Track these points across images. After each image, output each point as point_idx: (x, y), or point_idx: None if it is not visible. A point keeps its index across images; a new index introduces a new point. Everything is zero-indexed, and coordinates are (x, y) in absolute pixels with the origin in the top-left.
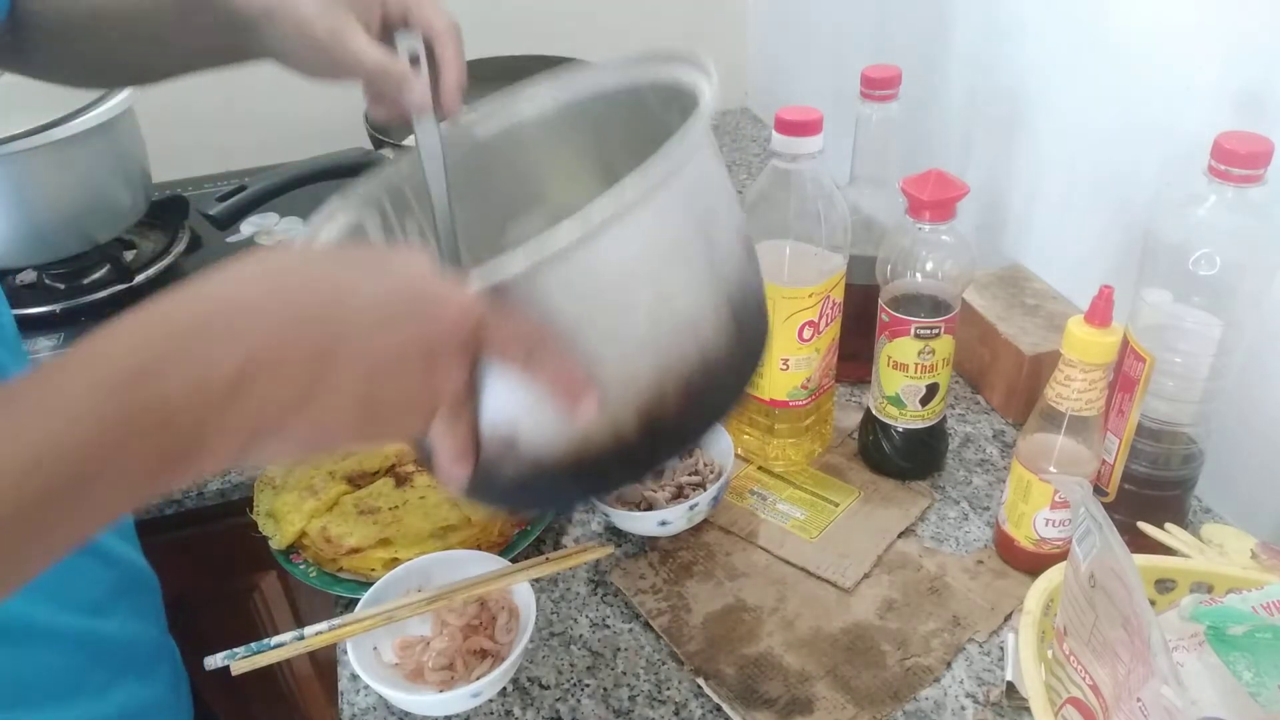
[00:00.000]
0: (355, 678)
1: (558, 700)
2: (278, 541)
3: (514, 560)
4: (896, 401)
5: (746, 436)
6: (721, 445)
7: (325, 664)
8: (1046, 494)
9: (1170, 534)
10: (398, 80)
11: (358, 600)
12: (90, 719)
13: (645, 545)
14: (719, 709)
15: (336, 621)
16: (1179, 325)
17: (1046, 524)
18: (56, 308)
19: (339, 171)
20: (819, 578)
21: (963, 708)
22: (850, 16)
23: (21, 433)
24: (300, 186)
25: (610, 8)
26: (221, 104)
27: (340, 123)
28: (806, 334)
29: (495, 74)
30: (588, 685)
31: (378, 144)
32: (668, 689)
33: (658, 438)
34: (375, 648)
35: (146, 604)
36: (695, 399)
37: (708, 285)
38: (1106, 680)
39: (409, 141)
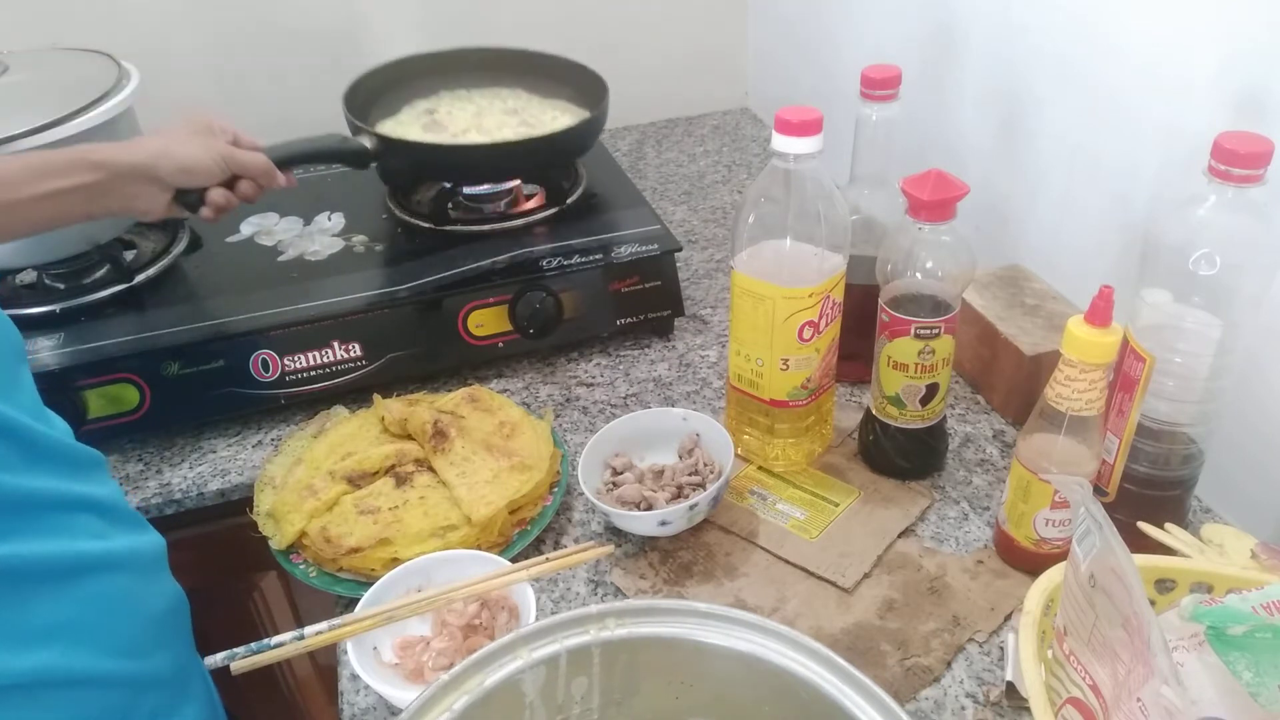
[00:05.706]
0: (355, 678)
1: None
2: (278, 541)
3: (514, 560)
4: (896, 401)
5: (746, 436)
6: (721, 445)
7: (325, 664)
8: (1046, 494)
9: (1170, 534)
10: (270, 170)
11: (358, 600)
12: None
13: (645, 545)
14: None
15: (336, 621)
16: (1179, 325)
17: (1046, 524)
18: (56, 308)
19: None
20: (819, 578)
21: (963, 708)
22: (850, 16)
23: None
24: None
25: (611, 7)
26: (220, 104)
27: (339, 123)
28: (806, 334)
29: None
30: None
31: (355, 130)
32: None
33: None
34: (375, 648)
35: (180, 626)
36: None
37: None
38: (1106, 680)
39: None
